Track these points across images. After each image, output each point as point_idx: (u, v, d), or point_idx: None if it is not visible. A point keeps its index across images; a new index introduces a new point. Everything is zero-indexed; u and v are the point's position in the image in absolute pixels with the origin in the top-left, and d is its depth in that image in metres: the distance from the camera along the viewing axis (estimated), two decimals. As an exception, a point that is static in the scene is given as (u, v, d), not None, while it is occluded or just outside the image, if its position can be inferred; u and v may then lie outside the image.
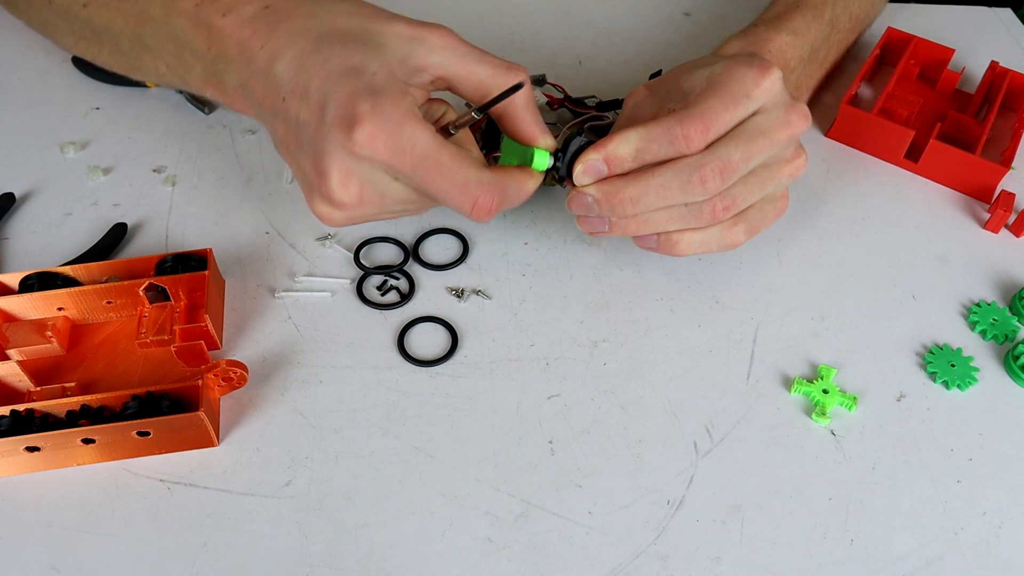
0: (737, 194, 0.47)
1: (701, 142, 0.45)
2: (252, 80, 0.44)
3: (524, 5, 0.78)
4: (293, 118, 0.43)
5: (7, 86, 0.67)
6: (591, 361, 0.51)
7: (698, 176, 0.45)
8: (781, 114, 0.47)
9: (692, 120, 0.45)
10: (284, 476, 0.46)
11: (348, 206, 0.43)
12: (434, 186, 0.43)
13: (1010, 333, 0.54)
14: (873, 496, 0.46)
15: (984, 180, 0.61)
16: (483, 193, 0.43)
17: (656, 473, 0.46)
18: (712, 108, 0.45)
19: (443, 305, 0.54)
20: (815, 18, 0.61)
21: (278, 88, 0.43)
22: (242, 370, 0.47)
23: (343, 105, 0.41)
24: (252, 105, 0.46)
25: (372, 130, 0.40)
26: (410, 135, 0.41)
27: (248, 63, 0.44)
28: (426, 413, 0.49)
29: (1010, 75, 0.67)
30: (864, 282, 0.56)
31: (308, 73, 0.42)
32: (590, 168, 0.47)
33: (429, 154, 0.42)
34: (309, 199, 0.45)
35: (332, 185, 0.42)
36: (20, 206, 0.59)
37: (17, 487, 0.45)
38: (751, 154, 0.46)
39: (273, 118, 0.44)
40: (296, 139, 0.43)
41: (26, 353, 0.49)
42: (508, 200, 0.45)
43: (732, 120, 0.46)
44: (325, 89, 0.41)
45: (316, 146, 0.42)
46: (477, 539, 0.44)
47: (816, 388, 0.50)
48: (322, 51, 0.42)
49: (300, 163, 0.44)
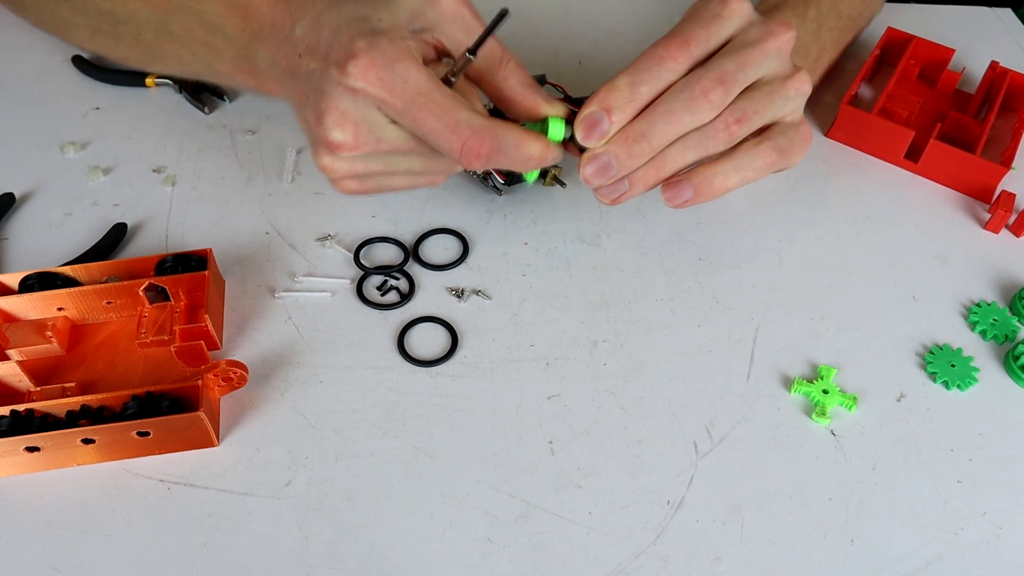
0: (746, 107, 0.47)
1: (683, 56, 0.46)
2: (279, 52, 0.45)
3: (524, 5, 0.78)
4: (304, 72, 0.43)
5: (7, 86, 0.67)
6: (591, 361, 0.51)
7: (699, 89, 0.45)
8: (761, 27, 0.47)
9: (670, 39, 0.46)
10: (284, 476, 0.46)
11: (344, 147, 0.43)
12: (425, 125, 0.42)
13: (1010, 333, 0.54)
14: (873, 496, 0.46)
15: (984, 180, 0.61)
16: (473, 135, 0.42)
17: (656, 473, 0.46)
18: (686, 27, 0.47)
19: (443, 305, 0.54)
20: (795, 16, 0.61)
21: (295, 47, 0.44)
22: (242, 370, 0.47)
23: (343, 45, 0.41)
24: (278, 80, 0.46)
25: (365, 63, 0.41)
26: (403, 71, 0.41)
27: (277, 36, 0.45)
28: (426, 413, 0.49)
29: (1010, 75, 0.67)
30: (864, 282, 0.56)
31: (321, 26, 0.43)
32: (590, 121, 0.46)
33: (421, 90, 0.42)
34: (314, 152, 0.45)
35: (327, 125, 0.42)
36: (20, 206, 0.59)
37: (17, 487, 0.45)
38: (744, 63, 0.46)
39: (292, 81, 0.45)
40: (304, 93, 0.44)
41: (26, 353, 0.49)
42: (503, 152, 0.44)
43: (708, 37, 0.47)
44: (332, 37, 0.42)
45: (318, 88, 0.42)
46: (477, 539, 0.44)
47: (816, 388, 0.50)
48: (337, 8, 0.43)
49: (307, 117, 0.44)
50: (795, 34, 0.48)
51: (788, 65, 0.49)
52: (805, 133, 0.51)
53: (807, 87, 0.50)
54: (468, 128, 0.42)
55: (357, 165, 0.44)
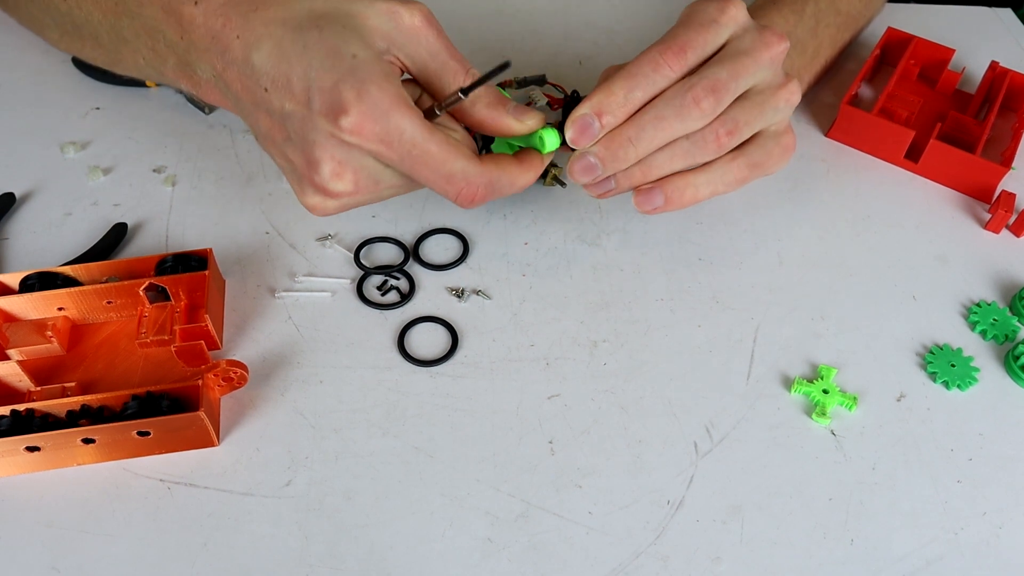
0: (737, 117, 0.47)
1: (680, 63, 0.46)
2: (228, 71, 0.43)
3: (524, 5, 0.78)
4: (278, 110, 0.42)
5: (7, 86, 0.67)
6: (591, 361, 0.51)
7: (690, 97, 0.45)
8: (755, 35, 0.47)
9: (667, 45, 0.46)
10: (284, 476, 0.46)
11: (343, 195, 0.43)
12: (420, 176, 0.43)
13: (1010, 333, 0.54)
14: (873, 496, 0.46)
15: (984, 180, 0.61)
16: (467, 185, 0.44)
17: (656, 473, 0.46)
18: (683, 33, 0.46)
19: (443, 305, 0.54)
20: (793, 12, 0.61)
21: (258, 79, 0.42)
22: (242, 370, 0.47)
23: (328, 92, 0.40)
24: (229, 97, 0.45)
25: (359, 118, 0.40)
26: (397, 122, 0.41)
27: (222, 54, 0.43)
28: (426, 413, 0.49)
29: (1010, 75, 0.67)
30: (864, 282, 0.56)
31: (288, 62, 0.41)
32: (581, 124, 0.46)
33: (416, 143, 0.42)
34: (300, 191, 0.45)
35: (324, 176, 0.42)
36: (20, 206, 0.59)
37: (17, 487, 0.45)
38: (737, 72, 0.46)
39: (255, 110, 0.44)
40: (282, 131, 0.43)
41: (26, 353, 0.49)
42: (496, 192, 0.45)
43: (705, 43, 0.46)
44: (308, 77, 0.41)
45: (305, 136, 0.42)
46: (477, 539, 0.44)
47: (816, 388, 0.50)
48: (300, 38, 0.41)
49: (288, 155, 0.44)
50: (788, 44, 0.48)
51: (780, 75, 0.49)
52: (787, 143, 0.51)
53: (796, 97, 0.50)
54: (463, 179, 0.43)
55: (349, 202, 0.45)
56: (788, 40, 0.48)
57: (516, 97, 0.66)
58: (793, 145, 0.51)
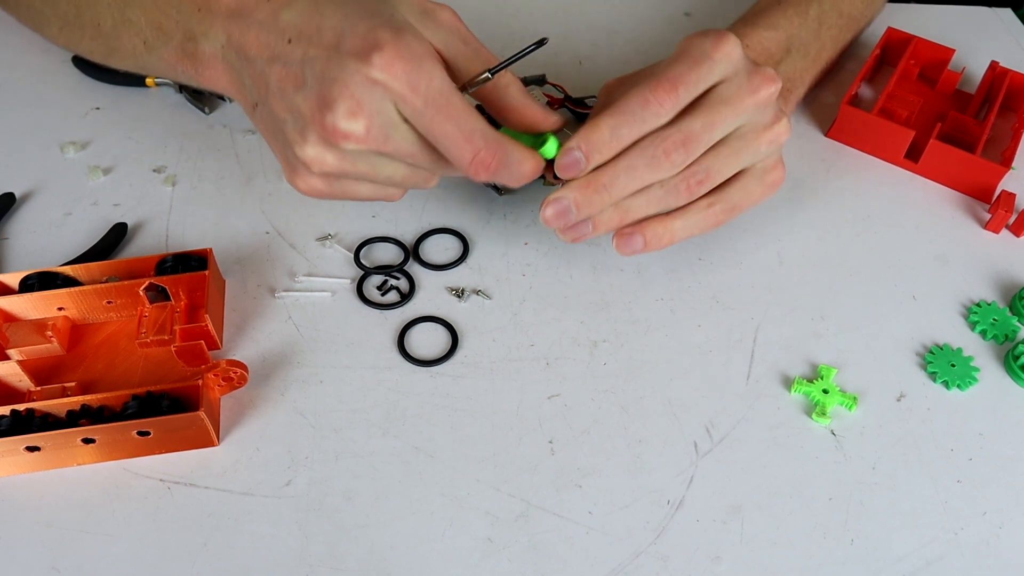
0: (710, 167, 0.47)
1: (671, 101, 0.45)
2: (247, 34, 0.43)
3: (524, 5, 0.78)
4: (298, 58, 0.41)
5: (7, 86, 0.67)
6: (591, 361, 0.51)
7: (662, 149, 0.46)
8: (744, 81, 0.47)
9: (658, 82, 0.45)
10: (284, 476, 0.46)
11: (351, 137, 0.41)
12: (440, 128, 0.42)
13: (1010, 333, 0.54)
14: (873, 496, 0.46)
15: (984, 180, 0.61)
16: (486, 147, 0.42)
17: (656, 473, 0.46)
18: (675, 69, 0.46)
19: (443, 305, 0.54)
20: (797, 14, 0.61)
21: (283, 32, 0.42)
22: (242, 370, 0.47)
23: (363, 35, 0.40)
24: (234, 68, 0.45)
25: (391, 55, 0.40)
26: (429, 69, 0.41)
27: (244, 18, 0.43)
28: (426, 413, 0.49)
29: (1010, 75, 0.67)
30: (864, 282, 0.56)
31: (321, 13, 0.42)
32: (569, 158, 0.46)
33: (444, 92, 0.41)
34: (298, 141, 0.42)
35: (338, 113, 0.40)
36: (20, 206, 0.59)
37: (17, 487, 0.45)
38: (713, 123, 0.46)
39: (269, 65, 0.43)
40: (297, 79, 0.42)
41: (26, 353, 0.49)
42: (507, 167, 0.44)
43: (697, 80, 0.46)
44: (342, 25, 0.41)
45: (325, 76, 0.40)
46: (477, 539, 0.44)
47: (816, 388, 0.50)
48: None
49: (296, 105, 0.42)
50: (780, 85, 0.48)
51: (768, 115, 0.49)
52: (773, 180, 0.51)
53: (784, 136, 0.49)
54: (482, 139, 0.42)
55: (346, 162, 0.43)
56: (780, 81, 0.48)
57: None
58: (780, 180, 0.51)
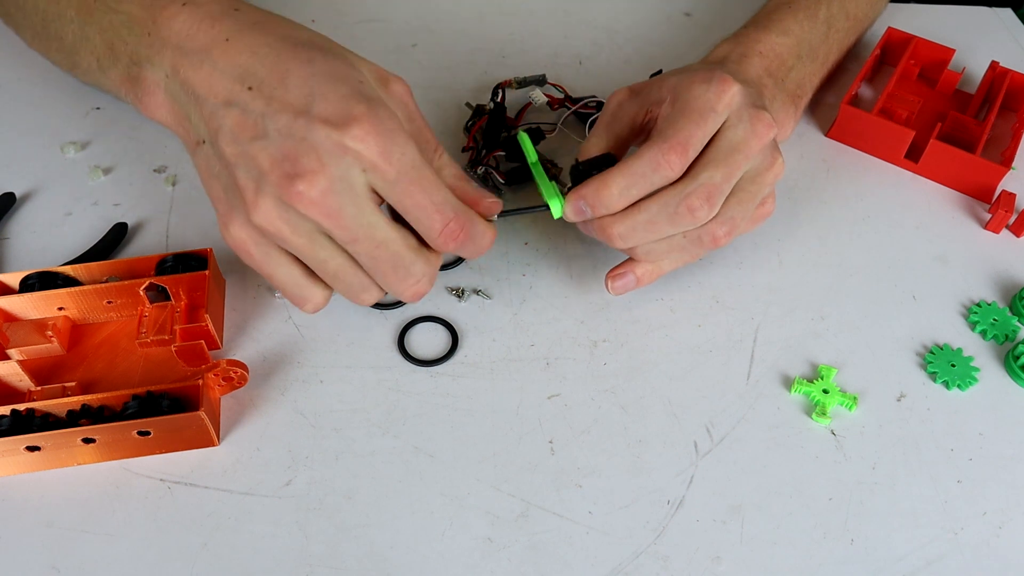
0: (735, 215, 0.48)
1: (681, 162, 0.46)
2: (196, 71, 0.42)
3: (524, 5, 0.78)
4: (259, 109, 0.40)
5: (7, 86, 0.67)
6: (591, 361, 0.51)
7: (685, 206, 0.46)
8: (748, 126, 0.47)
9: (669, 144, 0.46)
10: (284, 476, 0.46)
11: (304, 199, 0.39)
12: (413, 199, 0.41)
13: (1010, 333, 0.54)
14: (873, 496, 0.46)
15: (984, 180, 0.61)
16: (456, 218, 0.43)
17: (656, 473, 0.46)
18: (684, 128, 0.46)
19: (443, 305, 0.54)
20: (807, 17, 0.61)
21: (242, 79, 0.41)
22: (242, 370, 0.47)
23: (336, 104, 0.40)
24: (176, 99, 0.44)
25: (368, 128, 0.39)
26: (402, 143, 0.41)
27: (195, 53, 0.42)
28: (426, 413, 0.49)
29: (1010, 75, 0.67)
30: (864, 282, 0.56)
31: (287, 68, 0.41)
32: (576, 209, 0.48)
33: (416, 165, 0.41)
34: (251, 191, 0.40)
35: (300, 167, 0.39)
36: (21, 206, 0.59)
37: (17, 487, 0.45)
38: (732, 172, 0.47)
39: (223, 108, 0.41)
40: (256, 129, 0.40)
41: (26, 353, 0.49)
42: (472, 239, 0.44)
43: (705, 136, 0.47)
44: (310, 86, 0.40)
45: (292, 133, 0.40)
46: (477, 539, 0.44)
47: (816, 388, 0.50)
48: (305, 53, 0.41)
49: (252, 155, 0.40)
50: (777, 130, 0.48)
51: (768, 157, 0.49)
52: (764, 212, 0.52)
53: (782, 173, 0.50)
54: (452, 210, 0.43)
55: (289, 226, 0.41)
56: (777, 126, 0.48)
57: (516, 97, 0.66)
58: (770, 213, 0.52)
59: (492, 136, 0.60)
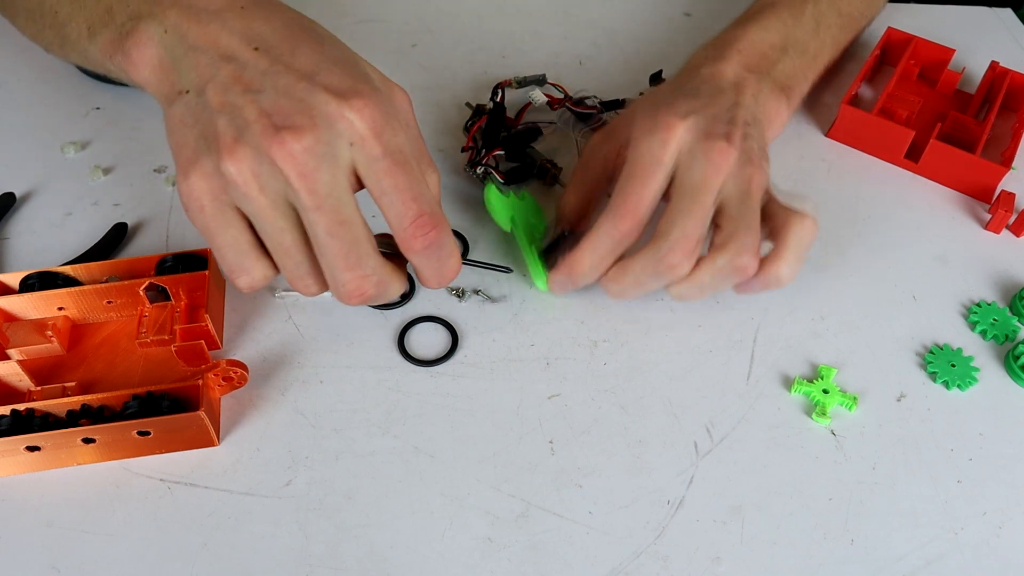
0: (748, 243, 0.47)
1: (636, 225, 0.48)
2: (204, 27, 0.41)
3: (524, 5, 0.78)
4: (261, 67, 0.40)
5: (7, 86, 0.67)
6: (591, 361, 0.51)
7: (665, 265, 0.47)
8: (701, 162, 0.46)
9: (619, 215, 0.47)
10: (284, 476, 0.46)
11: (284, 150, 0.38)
12: (392, 180, 0.41)
13: (1010, 333, 0.54)
14: (873, 496, 0.46)
15: (984, 180, 0.61)
16: (430, 214, 0.42)
17: (656, 473, 0.46)
18: (632, 192, 0.47)
19: (443, 305, 0.54)
20: (792, 15, 0.60)
21: (250, 39, 0.41)
22: (242, 370, 0.47)
23: (342, 77, 0.40)
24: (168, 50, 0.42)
25: (367, 103, 0.39)
26: (398, 129, 0.41)
27: (206, 12, 0.41)
28: (426, 413, 0.49)
29: (1010, 75, 0.67)
30: (864, 282, 0.56)
31: (299, 41, 0.41)
32: (559, 286, 0.51)
33: (406, 152, 0.41)
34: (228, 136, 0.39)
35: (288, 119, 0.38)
36: (20, 206, 0.59)
37: (17, 487, 0.45)
38: (702, 214, 0.47)
39: (219, 61, 0.40)
40: (252, 84, 0.40)
41: (26, 353, 0.49)
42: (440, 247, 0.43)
43: (656, 191, 0.47)
44: (319, 60, 0.41)
45: (291, 93, 0.39)
46: (477, 539, 0.44)
47: (816, 388, 0.50)
48: (316, 36, 0.42)
49: (239, 105, 0.39)
50: (737, 152, 0.47)
51: (742, 175, 0.47)
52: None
53: (767, 180, 0.49)
54: (430, 205, 0.42)
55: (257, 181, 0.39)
56: (736, 149, 0.47)
57: (516, 96, 0.66)
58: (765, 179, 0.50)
59: (492, 136, 0.60)
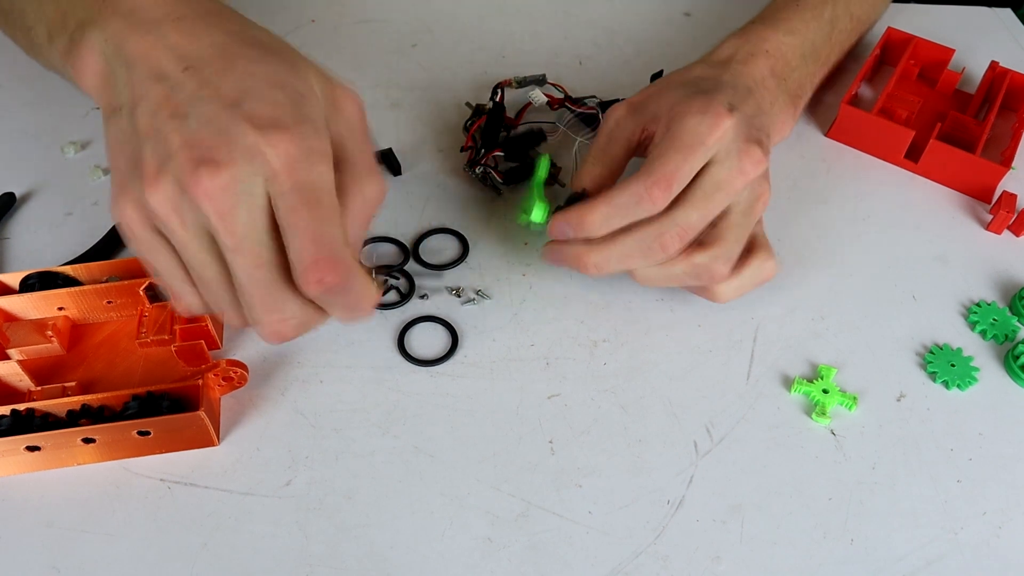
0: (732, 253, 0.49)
1: (665, 198, 0.46)
2: (139, 40, 0.40)
3: (524, 5, 0.78)
4: (188, 90, 0.38)
5: (7, 86, 0.67)
6: (591, 361, 0.51)
7: (659, 244, 0.47)
8: (735, 163, 0.47)
9: (654, 178, 0.46)
10: (284, 476, 0.46)
11: (200, 189, 0.36)
12: (296, 216, 0.37)
13: (1010, 333, 0.54)
14: (873, 496, 0.46)
15: (984, 180, 0.61)
16: (332, 260, 0.38)
17: (656, 473, 0.46)
18: (671, 161, 0.46)
19: (443, 305, 0.54)
20: (814, 17, 0.61)
21: (182, 58, 0.39)
22: (242, 370, 0.47)
23: (267, 107, 0.38)
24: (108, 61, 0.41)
25: (285, 138, 0.37)
26: (314, 163, 0.38)
27: (144, 23, 0.40)
28: (426, 413, 0.49)
29: (1010, 75, 0.67)
30: (864, 282, 0.56)
31: (232, 60, 0.39)
32: (559, 230, 0.49)
33: (317, 189, 0.38)
34: (151, 168, 0.38)
35: (209, 163, 0.37)
36: (21, 206, 0.59)
37: (17, 487, 0.45)
38: (710, 212, 0.47)
39: (152, 80, 0.39)
40: (178, 109, 0.38)
41: (26, 353, 0.49)
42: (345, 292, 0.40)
43: (692, 170, 0.46)
44: (249, 84, 0.38)
45: (213, 123, 0.37)
46: (477, 539, 0.44)
47: (816, 388, 0.50)
48: (253, 52, 0.40)
49: (164, 132, 0.38)
50: (767, 166, 0.48)
51: (757, 188, 0.49)
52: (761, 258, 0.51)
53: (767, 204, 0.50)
54: (332, 251, 0.38)
55: (177, 215, 0.37)
56: (767, 160, 0.48)
57: (516, 96, 0.66)
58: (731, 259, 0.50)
59: (491, 136, 0.60)
